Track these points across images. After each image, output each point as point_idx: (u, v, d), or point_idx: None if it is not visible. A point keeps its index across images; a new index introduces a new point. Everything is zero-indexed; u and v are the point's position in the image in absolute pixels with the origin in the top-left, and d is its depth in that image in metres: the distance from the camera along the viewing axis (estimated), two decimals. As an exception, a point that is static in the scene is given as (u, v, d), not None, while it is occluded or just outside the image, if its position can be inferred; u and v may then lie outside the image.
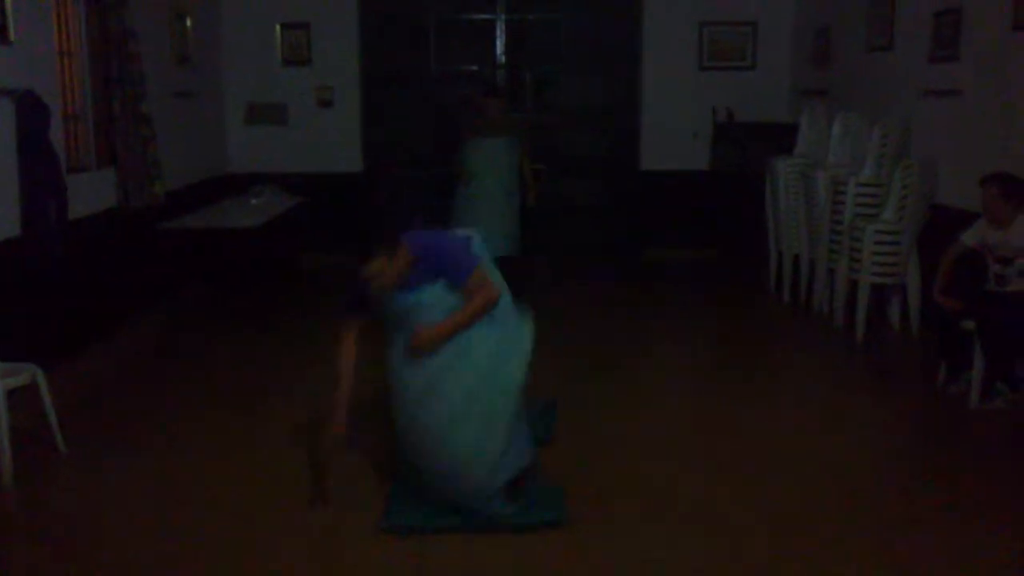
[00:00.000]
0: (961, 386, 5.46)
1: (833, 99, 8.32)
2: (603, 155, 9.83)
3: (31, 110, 5.39)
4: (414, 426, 3.87)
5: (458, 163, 7.51)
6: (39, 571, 3.67)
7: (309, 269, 9.22)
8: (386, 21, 9.56)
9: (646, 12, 9.50)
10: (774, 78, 9.54)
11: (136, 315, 7.00)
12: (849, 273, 6.84)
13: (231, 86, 9.46)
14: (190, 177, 8.20)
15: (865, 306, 6.67)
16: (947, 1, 6.46)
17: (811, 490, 4.32)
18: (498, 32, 9.57)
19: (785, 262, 7.93)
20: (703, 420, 5.39)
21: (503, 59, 9.57)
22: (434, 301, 3.74)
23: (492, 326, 3.80)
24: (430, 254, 3.75)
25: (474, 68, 9.60)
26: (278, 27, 9.41)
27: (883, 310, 7.01)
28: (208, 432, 5.06)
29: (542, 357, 3.73)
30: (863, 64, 7.84)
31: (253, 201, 8.39)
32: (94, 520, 4.04)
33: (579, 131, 9.78)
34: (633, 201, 9.74)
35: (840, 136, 7.55)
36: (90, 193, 6.31)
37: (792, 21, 9.48)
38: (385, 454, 4.41)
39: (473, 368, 3.76)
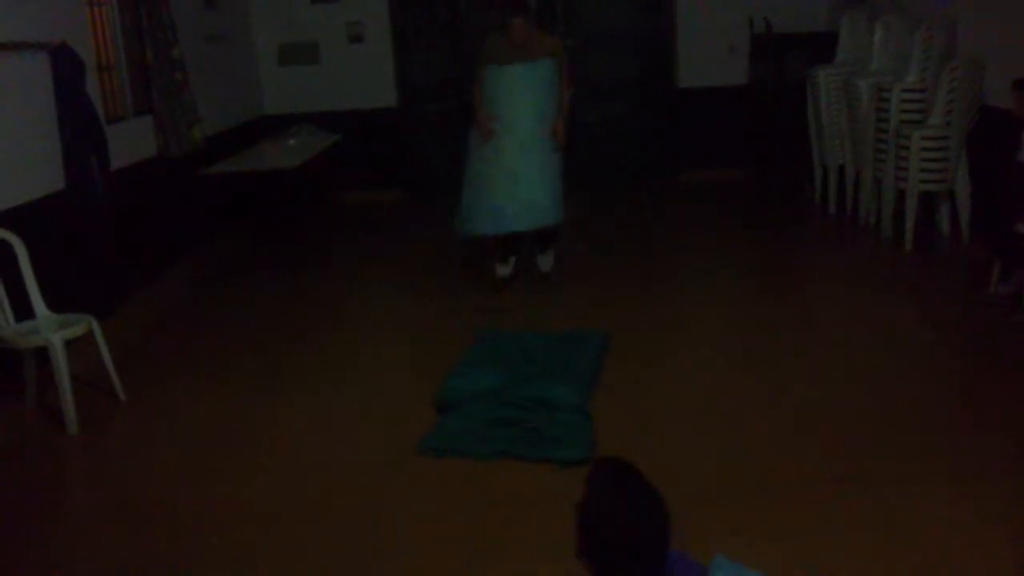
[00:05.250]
0: (1011, 287, 5.37)
1: (874, 4, 8.07)
2: (637, 76, 9.64)
3: (66, 63, 5.40)
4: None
5: (474, 96, 6.05)
6: (102, 516, 3.77)
7: (348, 206, 9.24)
8: (411, -50, 9.38)
9: (678, -76, 9.23)
10: (812, -15, 9.26)
11: (182, 261, 7.09)
12: (896, 182, 6.71)
13: (261, 27, 9.40)
14: (227, 121, 8.21)
15: (913, 215, 6.54)
16: None
17: (849, 401, 4.31)
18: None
19: (830, 175, 7.80)
20: (748, 331, 5.39)
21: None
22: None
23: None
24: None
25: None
26: (304, -36, 9.32)
27: (932, 218, 6.88)
28: (261, 372, 5.14)
29: (584, 284, 3.71)
30: (904, -35, 7.58)
31: (290, 142, 8.39)
32: (154, 465, 4.14)
33: (611, 52, 9.57)
34: (670, 122, 9.57)
35: (882, 41, 7.34)
36: (129, 142, 6.34)
37: (829, -76, 9.16)
38: (433, 394, 4.47)
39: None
